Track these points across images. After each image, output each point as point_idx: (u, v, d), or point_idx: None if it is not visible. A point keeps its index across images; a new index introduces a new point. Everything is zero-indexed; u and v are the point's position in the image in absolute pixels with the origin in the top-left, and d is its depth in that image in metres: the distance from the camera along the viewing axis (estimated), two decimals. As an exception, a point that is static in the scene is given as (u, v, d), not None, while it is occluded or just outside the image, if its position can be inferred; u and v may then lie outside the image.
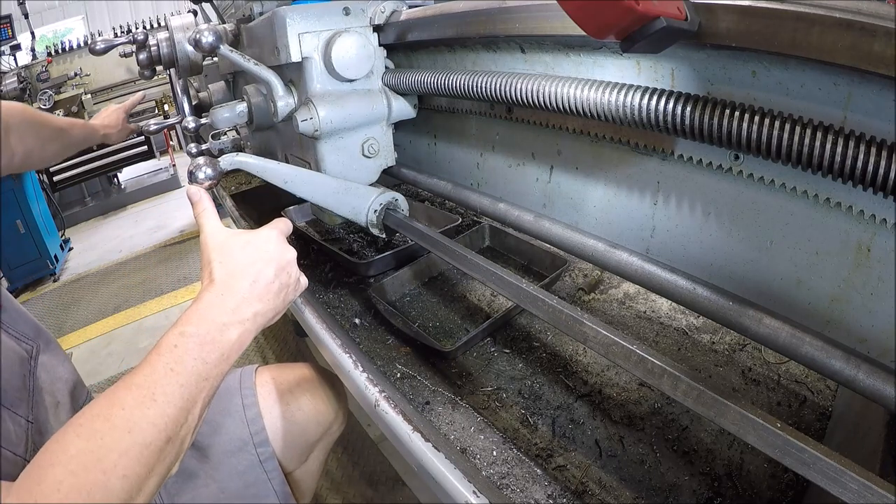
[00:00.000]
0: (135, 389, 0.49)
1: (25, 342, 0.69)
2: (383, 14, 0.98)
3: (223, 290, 0.59)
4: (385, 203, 1.04)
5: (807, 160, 0.43)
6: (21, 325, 0.70)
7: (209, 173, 0.77)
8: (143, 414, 0.48)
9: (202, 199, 0.70)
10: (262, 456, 0.86)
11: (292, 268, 0.67)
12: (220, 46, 0.94)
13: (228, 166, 0.85)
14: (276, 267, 0.64)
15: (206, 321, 0.56)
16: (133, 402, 0.48)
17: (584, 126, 0.73)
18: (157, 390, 0.50)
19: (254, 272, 0.62)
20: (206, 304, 0.58)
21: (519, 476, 0.73)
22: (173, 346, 0.53)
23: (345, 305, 1.16)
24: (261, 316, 0.61)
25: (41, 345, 0.71)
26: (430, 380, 0.92)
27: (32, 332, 0.71)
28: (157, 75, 1.83)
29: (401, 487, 1.56)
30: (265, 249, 0.64)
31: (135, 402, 0.48)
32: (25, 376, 0.66)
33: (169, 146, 6.08)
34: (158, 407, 0.49)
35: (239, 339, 0.58)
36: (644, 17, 0.40)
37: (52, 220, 3.95)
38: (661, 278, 0.62)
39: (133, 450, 0.46)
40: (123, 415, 0.47)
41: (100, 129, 1.37)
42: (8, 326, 0.68)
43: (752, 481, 0.70)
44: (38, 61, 3.35)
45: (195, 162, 0.78)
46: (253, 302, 0.60)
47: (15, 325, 0.69)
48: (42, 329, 0.74)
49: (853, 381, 0.46)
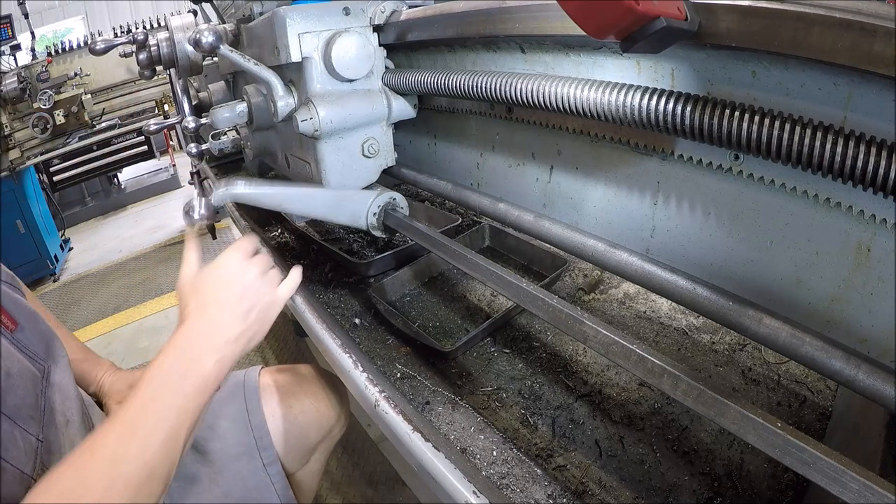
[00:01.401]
0: (118, 425, 0.51)
1: (38, 362, 0.69)
2: (383, 14, 0.98)
3: (195, 322, 0.61)
4: (383, 204, 1.05)
5: (807, 160, 0.43)
6: (34, 343, 0.69)
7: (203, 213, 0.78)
8: (126, 449, 0.50)
9: (189, 241, 0.72)
10: (265, 460, 0.86)
11: (257, 284, 0.68)
12: (220, 46, 0.94)
13: (221, 202, 0.85)
14: (240, 289, 0.65)
15: (182, 355, 0.58)
16: (116, 437, 0.50)
17: (584, 126, 0.73)
18: (138, 425, 0.52)
19: (220, 300, 0.64)
20: (182, 338, 0.60)
21: (519, 476, 0.73)
22: (151, 381, 0.55)
23: (345, 305, 1.16)
24: (235, 341, 0.63)
25: (51, 365, 0.70)
26: (430, 380, 0.92)
27: (44, 351, 0.70)
28: (157, 75, 1.82)
29: (401, 487, 1.56)
30: (227, 275, 0.66)
31: (117, 438, 0.50)
32: (38, 396, 0.66)
33: (169, 146, 6.09)
34: (139, 441, 0.51)
35: (216, 366, 0.59)
36: (644, 17, 0.40)
37: (52, 220, 3.95)
38: (661, 278, 0.62)
39: (117, 484, 0.48)
40: (106, 450, 0.49)
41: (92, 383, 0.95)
42: (24, 346, 0.67)
43: (752, 481, 0.70)
44: (38, 61, 3.34)
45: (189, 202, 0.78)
46: (224, 329, 0.62)
47: (30, 345, 0.68)
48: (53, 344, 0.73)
49: (853, 381, 0.46)
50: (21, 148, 3.36)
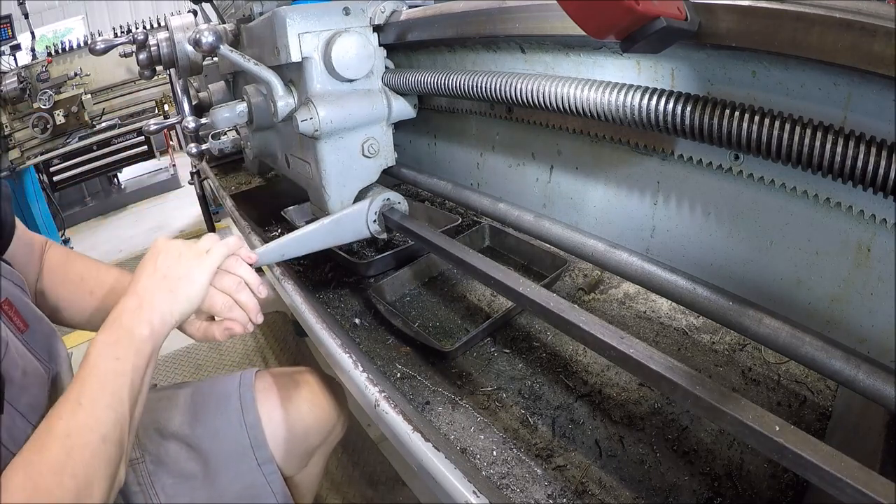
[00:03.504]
0: (68, 402, 0.57)
1: (44, 363, 0.70)
2: (383, 14, 0.98)
3: (128, 294, 0.67)
4: (379, 209, 1.05)
5: (807, 160, 0.43)
6: (40, 345, 0.70)
7: None
8: (76, 420, 0.55)
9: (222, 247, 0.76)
10: (260, 459, 0.86)
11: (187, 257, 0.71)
12: (220, 46, 0.94)
13: None
14: (159, 258, 0.70)
15: (112, 324, 0.64)
16: (67, 412, 0.56)
17: (584, 126, 0.73)
18: (83, 396, 0.57)
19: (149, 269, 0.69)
20: (114, 311, 0.65)
21: (519, 476, 0.73)
22: (89, 355, 0.60)
23: (345, 305, 1.16)
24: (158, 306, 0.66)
25: (55, 366, 0.72)
26: (430, 380, 0.92)
27: (47, 352, 0.71)
28: (157, 75, 1.82)
29: (401, 487, 1.56)
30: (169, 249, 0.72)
31: (69, 412, 0.56)
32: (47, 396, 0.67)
33: (169, 146, 6.08)
34: (86, 411, 0.56)
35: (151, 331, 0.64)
36: (644, 17, 0.40)
37: (52, 220, 3.95)
38: (661, 278, 0.62)
39: (74, 453, 0.53)
40: (60, 424, 0.55)
41: None
42: (33, 347, 0.68)
43: (752, 481, 0.70)
44: (38, 61, 3.33)
45: None
46: (148, 294, 0.67)
47: (37, 346, 0.69)
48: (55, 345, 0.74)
49: (853, 381, 0.46)
50: (21, 148, 3.36)
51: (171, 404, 0.89)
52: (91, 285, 0.87)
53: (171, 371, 2.26)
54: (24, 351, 0.66)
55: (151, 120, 1.56)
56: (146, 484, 0.81)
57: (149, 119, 3.46)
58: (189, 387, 0.93)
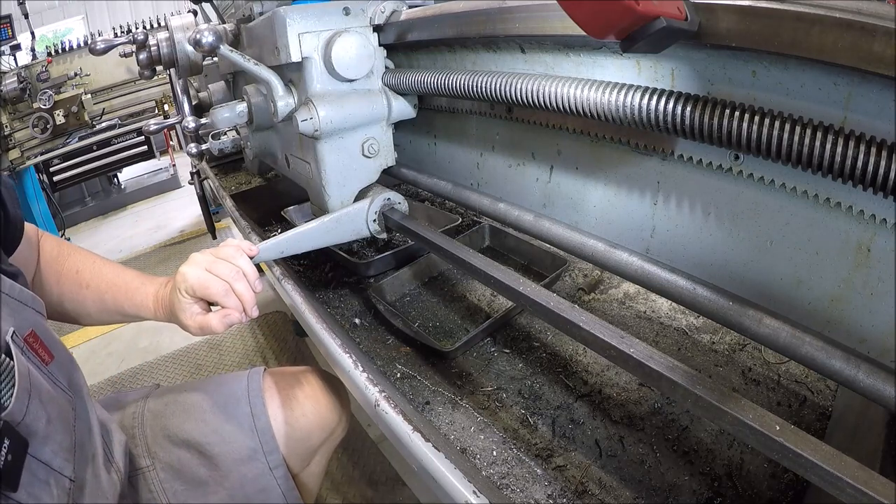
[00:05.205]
0: None
1: (67, 394, 0.64)
2: (383, 14, 0.98)
3: None
4: (379, 209, 1.05)
5: (807, 160, 0.43)
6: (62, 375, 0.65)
7: None
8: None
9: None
10: (271, 463, 0.86)
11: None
12: (220, 46, 0.94)
13: None
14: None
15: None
16: None
17: (584, 126, 0.73)
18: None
19: None
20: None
21: (519, 476, 0.73)
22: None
23: (345, 305, 1.16)
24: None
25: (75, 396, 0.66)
26: (430, 380, 0.92)
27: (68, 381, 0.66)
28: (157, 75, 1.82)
29: (401, 487, 1.56)
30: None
31: None
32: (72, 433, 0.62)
33: (169, 146, 6.08)
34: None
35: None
36: (644, 17, 0.40)
37: (52, 220, 3.95)
38: (661, 278, 0.62)
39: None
40: None
41: None
42: (56, 379, 0.63)
43: (752, 481, 0.70)
44: (38, 61, 3.34)
45: None
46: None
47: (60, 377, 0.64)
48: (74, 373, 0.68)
49: (853, 381, 0.46)
50: (21, 148, 3.36)
51: (180, 409, 0.88)
52: (86, 278, 0.85)
53: (171, 371, 2.26)
54: (48, 390, 0.59)
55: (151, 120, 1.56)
56: (157, 491, 0.81)
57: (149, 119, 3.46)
58: (196, 390, 0.92)
